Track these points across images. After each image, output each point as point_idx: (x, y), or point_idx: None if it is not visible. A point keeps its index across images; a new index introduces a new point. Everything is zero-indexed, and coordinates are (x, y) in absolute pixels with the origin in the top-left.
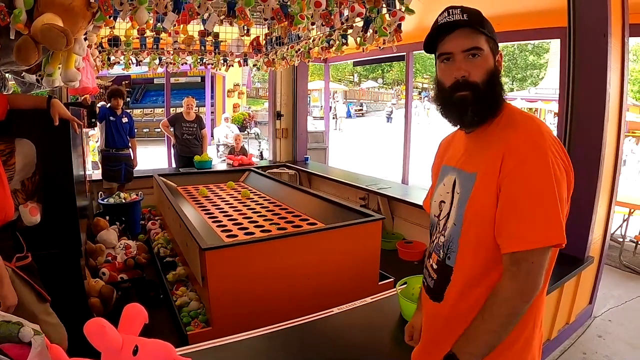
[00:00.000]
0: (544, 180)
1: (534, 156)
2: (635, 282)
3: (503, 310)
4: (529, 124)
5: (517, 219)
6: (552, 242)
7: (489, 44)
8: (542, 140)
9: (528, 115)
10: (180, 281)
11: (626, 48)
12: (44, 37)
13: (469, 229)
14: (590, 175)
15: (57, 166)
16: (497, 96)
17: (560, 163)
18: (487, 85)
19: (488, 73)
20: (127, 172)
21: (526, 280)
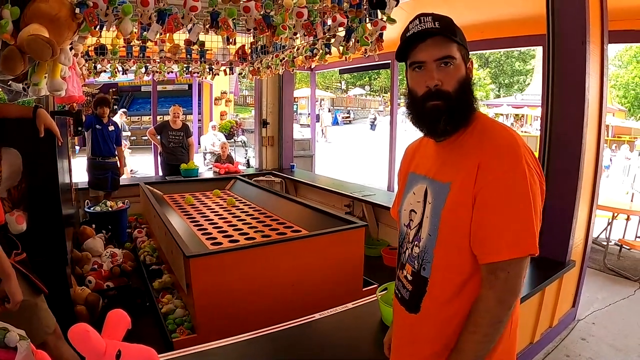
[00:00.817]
0: (520, 191)
1: (510, 167)
2: (619, 285)
3: (486, 320)
4: (504, 134)
5: (494, 229)
6: (527, 252)
7: (460, 52)
8: (518, 152)
9: (502, 125)
10: (166, 289)
11: (605, 55)
12: (30, 47)
13: (444, 239)
14: (571, 180)
15: (43, 175)
16: (469, 105)
17: (535, 174)
18: (460, 94)
19: (460, 82)
20: (114, 181)
21: (504, 289)
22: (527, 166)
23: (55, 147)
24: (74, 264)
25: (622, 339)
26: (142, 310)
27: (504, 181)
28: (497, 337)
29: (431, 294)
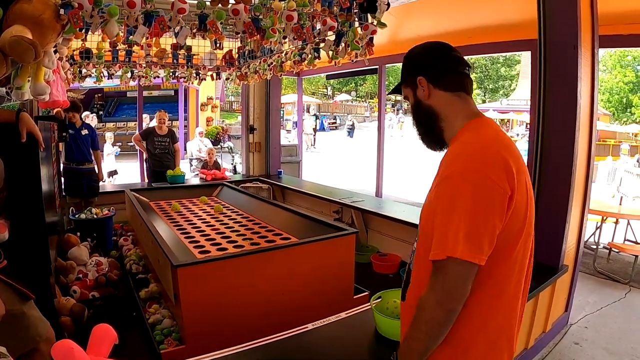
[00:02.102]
0: (459, 196)
1: (454, 173)
2: (610, 289)
3: (423, 318)
4: (468, 143)
5: (437, 229)
6: (457, 255)
7: (410, 85)
8: (469, 159)
9: (473, 136)
10: (153, 298)
11: (596, 59)
12: (12, 49)
13: (421, 237)
14: (563, 185)
15: (26, 182)
16: (425, 125)
17: (494, 182)
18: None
19: (413, 111)
20: (90, 187)
21: (442, 290)
22: (480, 173)
23: (38, 153)
24: (58, 273)
25: (615, 343)
26: (129, 321)
27: (445, 186)
28: (438, 338)
29: (412, 284)
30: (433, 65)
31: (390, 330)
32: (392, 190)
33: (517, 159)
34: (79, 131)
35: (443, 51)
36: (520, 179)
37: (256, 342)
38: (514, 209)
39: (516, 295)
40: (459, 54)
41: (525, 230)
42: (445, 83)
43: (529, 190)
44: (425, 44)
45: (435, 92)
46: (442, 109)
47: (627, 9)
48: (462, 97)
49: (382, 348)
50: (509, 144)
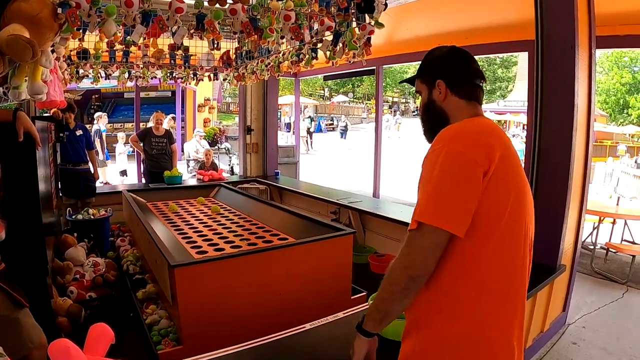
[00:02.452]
0: (433, 169)
1: (432, 150)
2: (607, 289)
3: (388, 280)
4: (452, 126)
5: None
6: (424, 219)
7: (425, 83)
8: (448, 138)
9: (466, 121)
10: (151, 299)
11: (593, 59)
12: (10, 47)
13: None
14: (561, 185)
15: (23, 181)
16: (433, 122)
17: (469, 156)
18: (424, 118)
19: (425, 108)
20: (87, 187)
21: (407, 256)
22: (452, 150)
23: (35, 153)
24: (55, 274)
25: (613, 343)
26: (126, 322)
27: (423, 164)
28: (401, 301)
29: None
30: (455, 72)
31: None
32: (390, 191)
33: (505, 146)
34: (73, 132)
35: (466, 62)
36: (505, 165)
37: (253, 342)
38: (490, 188)
39: (509, 287)
40: (478, 67)
41: (510, 219)
42: (461, 91)
43: (520, 184)
44: (451, 48)
45: (451, 97)
46: (454, 113)
47: (624, 9)
48: (473, 105)
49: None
50: (498, 134)
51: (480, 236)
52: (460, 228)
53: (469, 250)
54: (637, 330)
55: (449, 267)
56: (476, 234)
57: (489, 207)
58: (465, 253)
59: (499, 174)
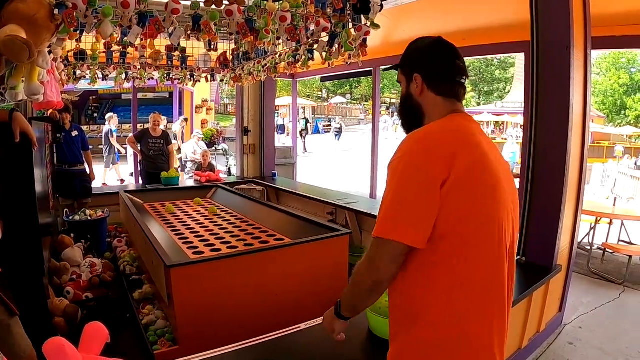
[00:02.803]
0: (392, 179)
1: (394, 159)
2: (604, 289)
3: (354, 279)
4: (418, 131)
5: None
6: (381, 234)
7: (404, 74)
8: (409, 145)
9: (435, 124)
10: (147, 299)
11: (588, 60)
12: (7, 48)
13: None
14: (556, 186)
15: (19, 182)
16: (408, 117)
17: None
18: (401, 111)
19: (402, 100)
20: (83, 188)
21: (371, 262)
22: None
23: (31, 153)
24: (52, 274)
25: (609, 343)
26: (123, 322)
27: (388, 171)
28: (365, 300)
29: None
30: (434, 67)
31: (384, 329)
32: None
33: (473, 152)
34: (69, 133)
35: (448, 57)
36: (472, 172)
37: (249, 342)
38: (452, 197)
39: (487, 296)
40: (462, 63)
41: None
42: (439, 87)
43: (495, 189)
44: (434, 41)
45: (428, 92)
46: (429, 110)
47: (620, 10)
48: (451, 102)
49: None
50: (468, 139)
51: (443, 243)
52: (418, 240)
53: (433, 257)
54: (633, 331)
55: (414, 275)
56: (439, 241)
57: (450, 215)
58: (428, 260)
59: (462, 182)
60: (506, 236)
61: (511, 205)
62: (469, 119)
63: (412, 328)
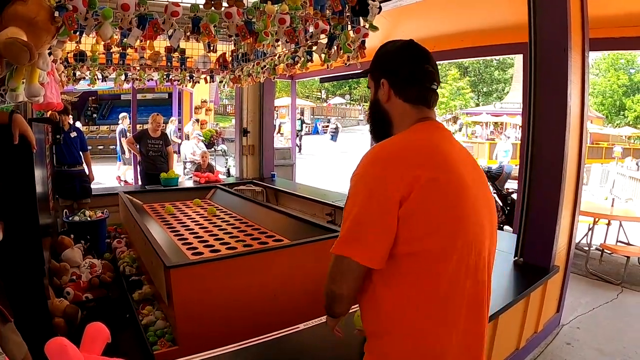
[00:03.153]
0: (352, 197)
1: (354, 175)
2: (602, 290)
3: (324, 287)
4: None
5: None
6: (337, 251)
7: (373, 79)
8: (370, 162)
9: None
10: (147, 300)
11: (586, 61)
12: (7, 50)
13: None
14: (554, 187)
15: (19, 183)
16: (376, 125)
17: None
18: (369, 117)
19: (370, 106)
20: (82, 189)
21: (333, 277)
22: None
23: (31, 155)
24: (52, 275)
25: (607, 343)
26: (122, 322)
27: (349, 185)
28: (332, 307)
29: None
30: (401, 73)
31: None
32: None
33: (439, 166)
34: (67, 134)
35: (416, 61)
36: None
37: (248, 342)
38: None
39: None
40: (433, 68)
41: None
42: (407, 94)
43: (462, 203)
44: (402, 45)
45: (395, 99)
46: (397, 117)
47: (618, 11)
48: (419, 109)
49: None
50: (433, 151)
51: (407, 260)
52: (374, 261)
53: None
54: (631, 331)
55: (380, 290)
56: (401, 258)
57: (411, 232)
58: (392, 276)
59: (422, 200)
60: (475, 249)
61: (485, 213)
62: (436, 126)
63: (378, 341)
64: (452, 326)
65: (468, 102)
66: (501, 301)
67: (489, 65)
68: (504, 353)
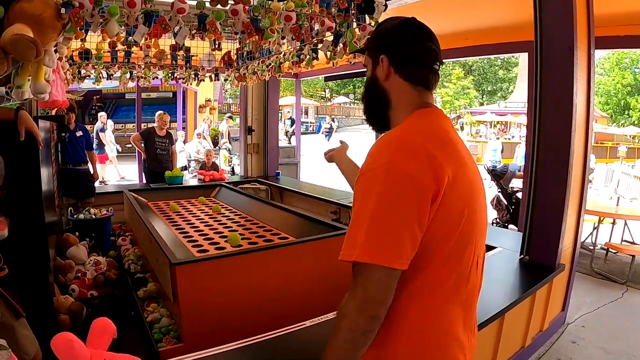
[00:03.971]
0: (374, 195)
1: (374, 169)
2: (607, 289)
3: (344, 325)
4: (394, 136)
5: (351, 228)
6: (368, 259)
7: (371, 57)
8: (390, 154)
9: (410, 125)
10: (151, 297)
11: (592, 60)
12: (14, 47)
13: None
14: (560, 185)
15: (26, 180)
16: (372, 104)
17: (414, 177)
18: (365, 97)
19: (366, 85)
20: (87, 188)
21: (362, 296)
22: (392, 170)
23: (38, 152)
24: (57, 272)
25: (612, 342)
26: (127, 320)
27: (360, 182)
28: (361, 346)
29: None
30: (402, 49)
31: None
32: None
33: (455, 157)
34: (73, 133)
35: (419, 38)
36: (456, 184)
37: (253, 339)
38: (438, 212)
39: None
40: (435, 46)
41: (458, 240)
42: (408, 72)
43: (472, 199)
44: (404, 21)
45: (394, 77)
46: (396, 97)
47: (624, 10)
48: (418, 91)
49: None
50: (448, 140)
51: (424, 261)
52: (406, 263)
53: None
54: (636, 330)
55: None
56: (420, 259)
57: (435, 232)
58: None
59: (449, 195)
60: (477, 253)
61: (482, 216)
62: (439, 113)
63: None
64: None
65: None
66: (507, 299)
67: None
68: (510, 351)
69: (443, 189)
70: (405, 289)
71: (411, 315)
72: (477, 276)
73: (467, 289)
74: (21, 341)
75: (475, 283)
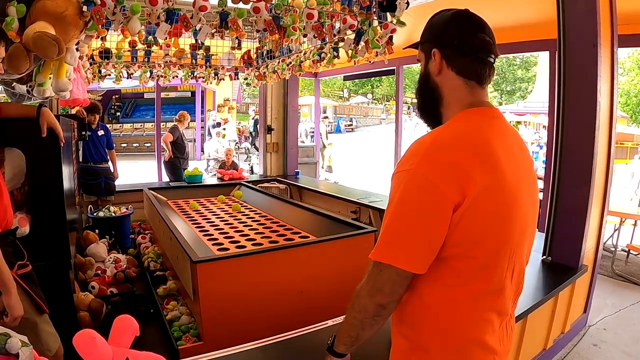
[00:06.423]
0: (401, 198)
1: (402, 171)
2: (628, 291)
3: (357, 305)
4: (431, 139)
5: (382, 229)
6: (386, 260)
7: (423, 51)
8: (416, 155)
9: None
10: (171, 295)
11: (615, 58)
12: (36, 44)
13: None
14: (583, 186)
15: (48, 177)
16: (424, 100)
17: (436, 186)
18: (418, 92)
19: (419, 80)
20: (107, 185)
21: (374, 286)
22: (417, 176)
23: (60, 149)
24: (77, 269)
25: (633, 345)
26: (146, 317)
27: (392, 183)
28: (368, 326)
29: None
30: (454, 42)
31: None
32: None
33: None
34: (95, 132)
35: (471, 29)
36: (489, 194)
37: (274, 338)
38: (465, 219)
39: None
40: (490, 38)
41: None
42: (460, 66)
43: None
44: (455, 13)
45: (447, 71)
46: (448, 93)
47: None
48: (471, 86)
49: None
50: (480, 146)
51: (450, 267)
52: (420, 266)
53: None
54: None
55: (413, 299)
56: (445, 265)
57: (461, 238)
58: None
59: (476, 206)
60: (515, 261)
61: (530, 215)
62: (487, 114)
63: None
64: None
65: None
66: (530, 300)
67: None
68: (531, 354)
69: (469, 199)
70: (435, 291)
71: (442, 318)
72: (512, 284)
73: (502, 297)
74: (44, 337)
75: (511, 291)
